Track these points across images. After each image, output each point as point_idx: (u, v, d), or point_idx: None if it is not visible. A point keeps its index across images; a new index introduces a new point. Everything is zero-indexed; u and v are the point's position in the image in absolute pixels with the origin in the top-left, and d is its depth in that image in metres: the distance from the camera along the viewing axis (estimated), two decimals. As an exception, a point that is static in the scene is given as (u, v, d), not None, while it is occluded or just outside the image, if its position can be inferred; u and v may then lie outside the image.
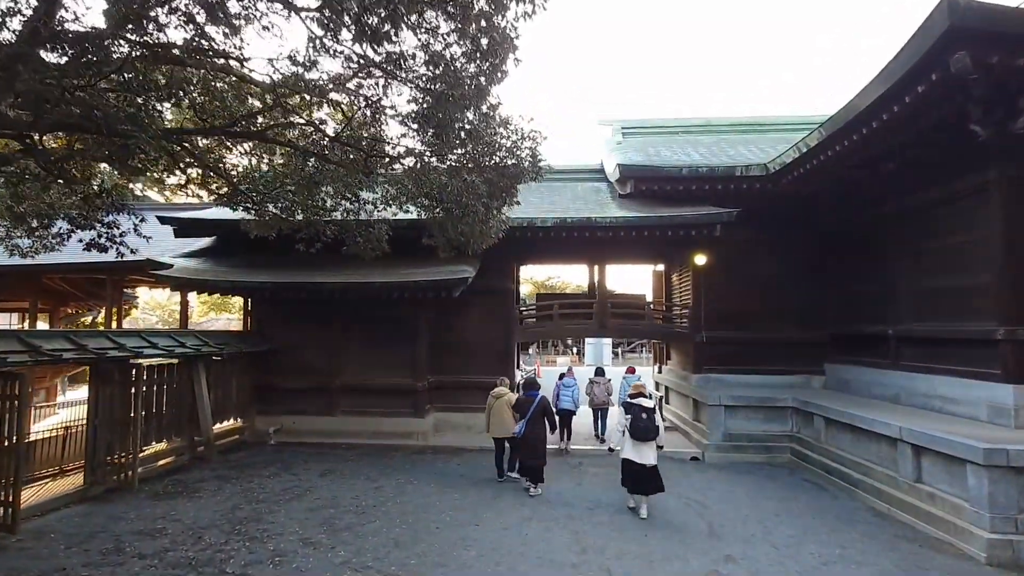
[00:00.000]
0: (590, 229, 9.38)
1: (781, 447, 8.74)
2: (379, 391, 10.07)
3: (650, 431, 6.13)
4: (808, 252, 9.99)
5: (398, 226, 9.54)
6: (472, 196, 5.67)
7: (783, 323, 10.04)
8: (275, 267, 9.59)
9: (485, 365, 10.59)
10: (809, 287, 9.98)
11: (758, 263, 10.13)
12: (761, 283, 10.12)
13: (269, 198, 7.38)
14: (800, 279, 10.03)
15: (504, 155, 5.70)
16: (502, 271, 10.68)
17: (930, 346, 7.22)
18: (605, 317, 10.42)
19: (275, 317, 10.34)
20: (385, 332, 10.20)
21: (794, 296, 10.04)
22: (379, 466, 8.13)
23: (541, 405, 7.07)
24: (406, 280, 8.93)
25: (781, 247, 10.07)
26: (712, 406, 8.94)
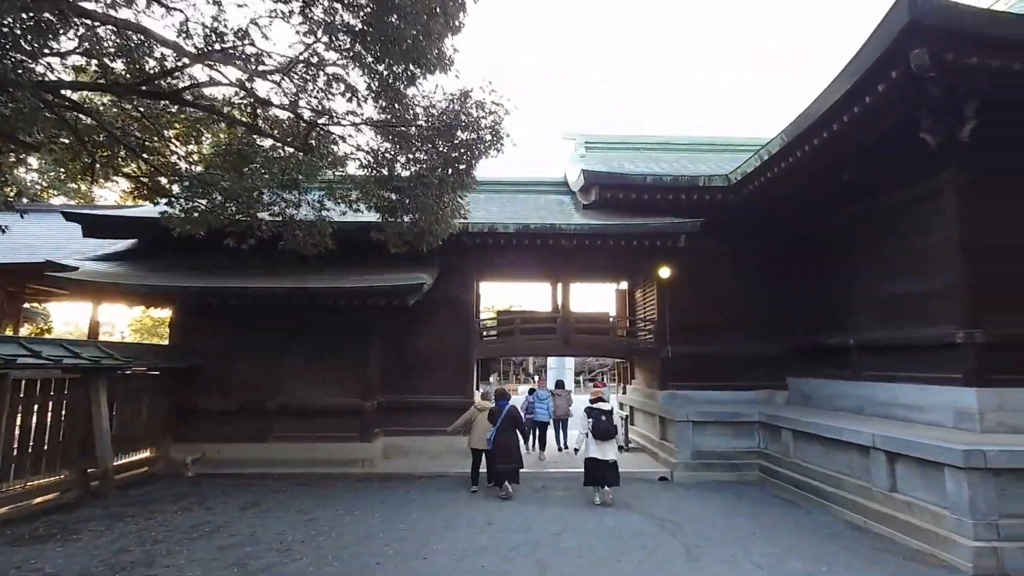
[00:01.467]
0: (553, 236, 9.03)
1: (749, 464, 8.42)
2: (321, 412, 9.06)
3: (610, 431, 6.92)
4: (770, 263, 10.03)
5: (348, 228, 8.86)
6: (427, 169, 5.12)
7: (747, 337, 9.94)
8: (206, 272, 8.59)
9: (442, 383, 9.84)
10: (771, 299, 9.98)
11: (721, 275, 10.07)
12: (725, 296, 10.04)
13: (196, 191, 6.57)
14: (762, 291, 10.02)
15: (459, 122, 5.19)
16: (462, 281, 10.10)
17: (891, 354, 7.18)
18: (569, 333, 9.97)
19: (202, 329, 9.21)
20: (331, 346, 9.28)
21: (757, 309, 10.00)
22: (315, 497, 7.12)
23: (510, 414, 7.42)
24: (356, 286, 8.17)
25: (744, 258, 10.07)
26: (680, 422, 8.55)
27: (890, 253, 7.31)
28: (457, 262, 9.99)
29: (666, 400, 9.68)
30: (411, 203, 5.59)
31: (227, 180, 6.81)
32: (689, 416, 8.55)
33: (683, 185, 8.69)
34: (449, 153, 5.36)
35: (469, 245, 9.62)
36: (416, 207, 5.68)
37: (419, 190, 5.44)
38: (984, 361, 5.89)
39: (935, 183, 6.43)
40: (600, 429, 6.82)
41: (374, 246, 9.36)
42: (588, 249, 9.84)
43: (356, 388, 9.14)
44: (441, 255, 9.68)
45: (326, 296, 8.21)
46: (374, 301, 8.35)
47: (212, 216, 7.18)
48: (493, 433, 7.28)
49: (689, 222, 8.78)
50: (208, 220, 7.24)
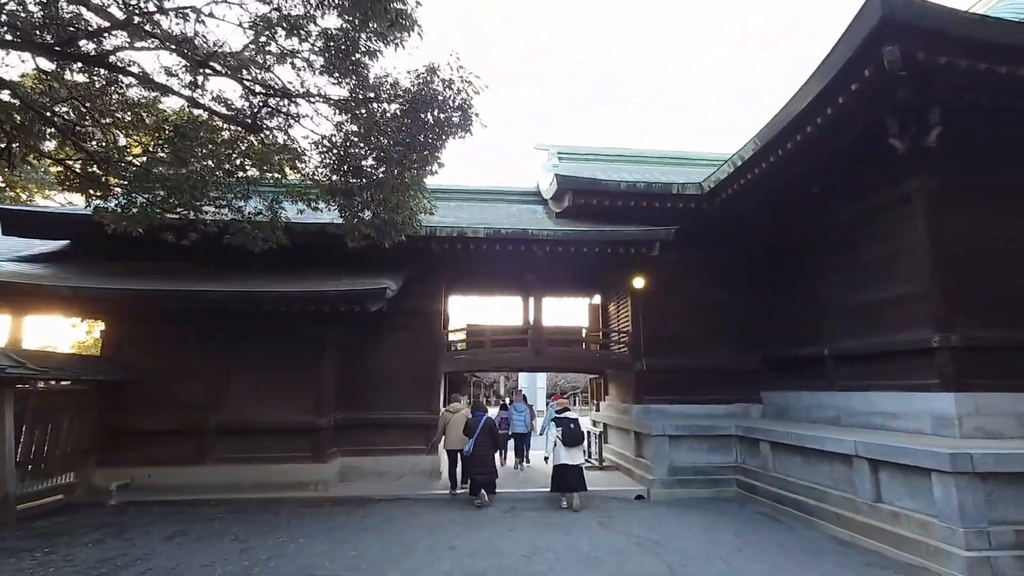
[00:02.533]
0: (526, 242, 8.69)
1: (728, 479, 8.08)
2: (270, 431, 8.24)
3: (578, 437, 7.40)
4: (743, 274, 9.96)
5: (307, 230, 8.30)
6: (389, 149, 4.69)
7: (722, 349, 9.76)
8: (144, 275, 7.81)
9: (406, 399, 9.21)
10: (746, 310, 9.87)
11: (695, 286, 9.93)
12: (699, 308, 9.87)
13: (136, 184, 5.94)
14: (737, 303, 9.91)
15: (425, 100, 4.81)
16: (429, 291, 9.59)
17: (866, 362, 7.06)
18: (541, 345, 9.56)
19: (138, 339, 8.33)
20: (282, 358, 8.54)
21: (732, 320, 9.86)
22: (255, 524, 6.33)
23: (487, 425, 7.63)
24: (309, 290, 7.56)
25: (718, 269, 9.97)
26: (656, 436, 8.17)
27: (863, 260, 7.28)
28: (424, 271, 9.51)
29: (641, 415, 9.32)
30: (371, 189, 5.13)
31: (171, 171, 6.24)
32: (665, 430, 8.19)
33: (657, 192, 8.56)
34: (415, 135, 4.96)
35: (437, 252, 9.17)
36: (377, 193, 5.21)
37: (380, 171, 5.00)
38: (960, 365, 5.79)
39: (905, 188, 6.45)
40: (569, 436, 7.27)
41: (336, 254, 8.83)
42: (561, 258, 9.53)
43: (309, 404, 8.39)
44: (408, 263, 9.23)
45: (276, 302, 7.55)
46: (332, 308, 7.74)
47: (152, 212, 6.55)
48: (471, 445, 7.48)
49: (663, 229, 8.62)
50: (148, 216, 6.60)
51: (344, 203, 5.89)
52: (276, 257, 8.79)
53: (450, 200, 10.98)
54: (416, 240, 8.54)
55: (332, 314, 8.13)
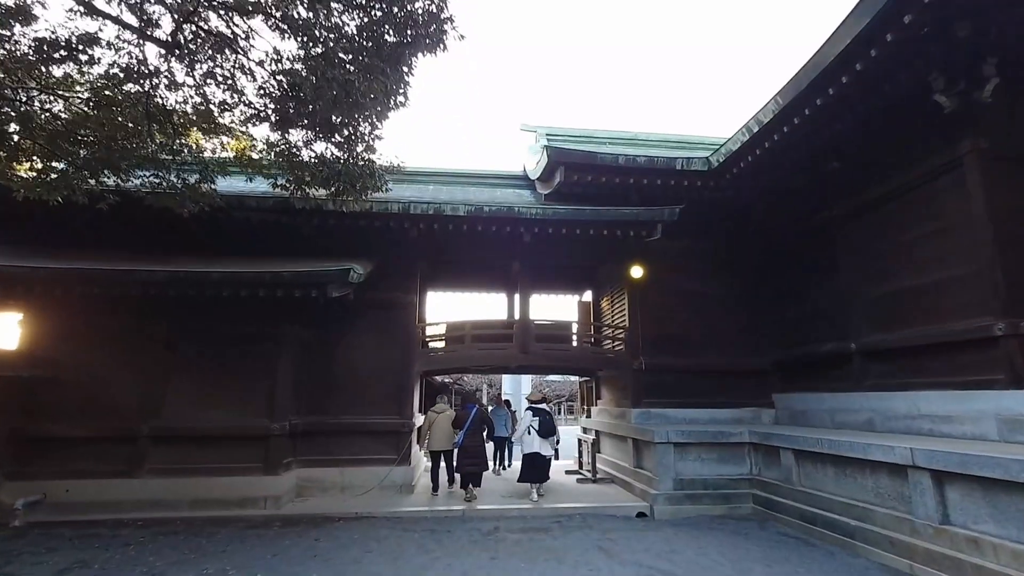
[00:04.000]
0: (512, 223, 7.69)
1: (741, 494, 7.07)
2: (214, 438, 7.07)
3: (552, 428, 7.68)
4: (752, 266, 9.06)
5: (262, 207, 7.21)
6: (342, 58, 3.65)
7: (728, 348, 8.81)
8: (68, 258, 6.66)
9: (374, 402, 8.10)
10: (757, 305, 8.96)
11: (700, 278, 9.00)
12: (703, 302, 8.93)
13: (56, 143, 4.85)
14: (746, 296, 8.99)
15: None
16: (402, 280, 8.52)
17: (906, 358, 6.14)
18: (528, 341, 8.52)
19: (60, 331, 7.12)
20: (231, 354, 7.40)
21: (741, 316, 8.93)
22: (182, 551, 5.16)
23: (479, 415, 7.66)
24: (263, 272, 6.45)
25: (723, 261, 9.06)
26: (659, 444, 7.15)
27: (896, 244, 6.38)
28: (397, 259, 8.45)
29: (640, 419, 8.31)
30: (318, 109, 4.09)
31: (94, 128, 5.16)
32: (670, 437, 7.17)
33: (660, 168, 7.62)
34: (373, 46, 3.94)
35: (412, 236, 8.14)
36: (326, 114, 4.16)
37: (330, 89, 3.95)
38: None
39: (952, 154, 5.56)
40: (544, 426, 7.50)
41: (298, 242, 7.81)
42: (550, 245, 8.55)
43: (261, 408, 7.24)
44: (378, 250, 8.20)
45: (221, 285, 6.44)
46: (287, 293, 6.64)
47: (76, 178, 5.45)
48: (462, 436, 7.44)
49: (667, 209, 7.68)
50: (70, 183, 5.51)
51: (285, 129, 4.83)
52: (228, 243, 7.77)
53: (427, 183, 9.96)
54: (387, 219, 7.54)
55: (289, 303, 7.03)
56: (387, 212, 7.35)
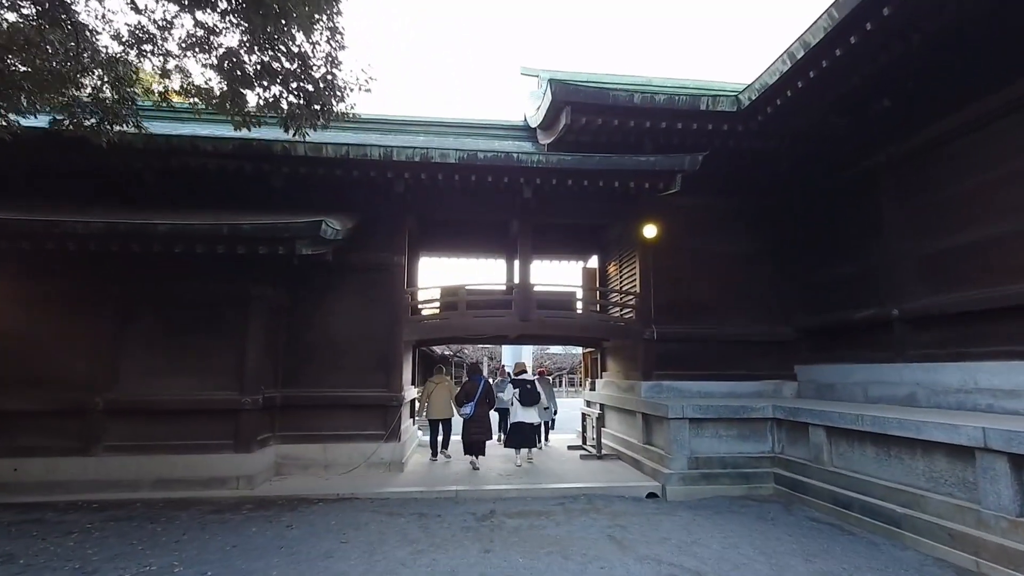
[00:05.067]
0: (510, 173, 6.80)
1: (762, 473, 6.42)
2: (178, 412, 6.37)
3: (535, 397, 7.72)
4: (776, 225, 8.22)
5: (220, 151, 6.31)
6: None
7: (748, 315, 8.06)
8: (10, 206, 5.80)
9: (359, 373, 7.38)
10: (778, 269, 8.16)
11: (719, 239, 8.17)
12: (723, 265, 8.13)
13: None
14: (769, 259, 8.19)
15: None
16: (388, 239, 7.68)
17: (961, 324, 5.37)
18: (529, 308, 7.73)
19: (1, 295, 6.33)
20: (194, 320, 6.62)
21: (761, 281, 8.14)
22: (130, 539, 4.50)
23: (486, 387, 7.82)
24: (217, 225, 5.60)
25: (745, 219, 8.22)
26: (673, 420, 6.46)
27: (956, 194, 5.53)
28: (383, 216, 7.60)
29: (651, 393, 7.61)
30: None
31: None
32: (685, 412, 6.47)
33: (681, 108, 6.66)
34: None
35: (397, 188, 7.26)
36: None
37: None
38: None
39: (1036, 80, 4.65)
40: (526, 395, 7.70)
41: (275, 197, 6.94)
42: (553, 200, 7.70)
43: (230, 379, 6.50)
44: (362, 205, 7.35)
45: (169, 239, 5.59)
46: (250, 249, 5.79)
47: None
48: (472, 407, 7.57)
49: (688, 156, 6.77)
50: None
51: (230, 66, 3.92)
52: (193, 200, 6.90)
53: (417, 133, 9.00)
54: (367, 168, 6.66)
55: (257, 262, 6.23)
56: (366, 159, 6.45)
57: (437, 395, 8.05)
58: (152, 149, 6.28)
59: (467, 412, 7.56)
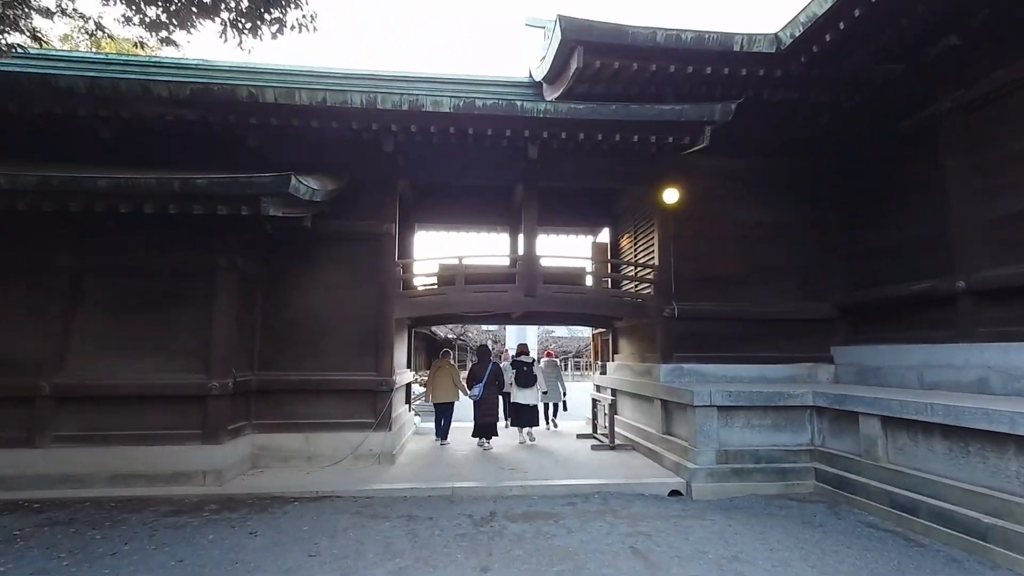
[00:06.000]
0: (513, 124, 5.90)
1: (800, 469, 5.64)
2: (137, 399, 5.62)
3: (532, 379, 7.94)
4: (814, 189, 7.34)
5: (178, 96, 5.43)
6: None
7: (779, 291, 7.21)
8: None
9: (345, 355, 6.63)
10: (815, 240, 7.29)
11: (747, 206, 7.28)
12: (750, 235, 7.26)
13: None
14: (801, 229, 7.31)
15: None
16: (377, 206, 6.83)
17: (1050, 295, 4.51)
18: (534, 283, 6.90)
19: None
20: (153, 293, 5.83)
21: (794, 253, 7.28)
22: (62, 549, 3.78)
23: (495, 371, 7.80)
24: (167, 180, 4.75)
25: (777, 182, 7.32)
26: (699, 408, 5.66)
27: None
28: (371, 177, 6.77)
29: (670, 377, 6.82)
30: None
31: None
32: (713, 399, 5.68)
33: (712, 49, 5.69)
34: None
35: (386, 147, 6.42)
36: None
37: None
38: None
39: None
40: (523, 377, 7.89)
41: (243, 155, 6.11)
42: (562, 160, 6.84)
43: (196, 361, 5.73)
44: (347, 168, 6.52)
45: (112, 196, 4.75)
46: (208, 211, 4.94)
47: None
48: (481, 388, 7.56)
49: (719, 105, 5.85)
50: None
51: None
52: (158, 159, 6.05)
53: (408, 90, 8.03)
54: (349, 119, 5.77)
55: (224, 227, 5.45)
56: (347, 107, 5.56)
57: (439, 378, 7.95)
58: (100, 96, 5.42)
59: (476, 394, 7.51)
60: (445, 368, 8.04)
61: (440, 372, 8.01)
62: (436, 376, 8.02)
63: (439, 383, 7.96)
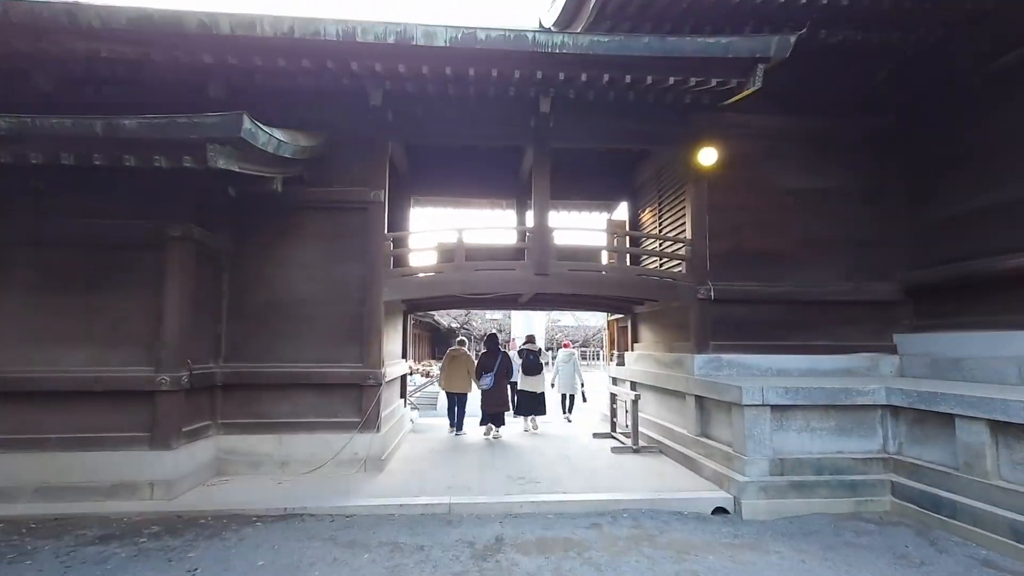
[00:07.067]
0: (523, 65, 4.85)
1: (872, 482, 4.64)
2: (71, 395, 4.67)
3: (538, 368, 8.18)
4: (876, 150, 6.26)
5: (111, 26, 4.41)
6: None
7: (831, 269, 6.17)
8: None
9: (325, 343, 5.68)
10: (875, 210, 6.23)
11: (793, 170, 6.23)
12: (797, 204, 6.21)
13: None
14: (859, 196, 6.26)
15: None
16: (363, 169, 5.83)
17: None
18: (546, 259, 5.89)
19: None
20: (92, 271, 4.87)
21: (849, 225, 6.23)
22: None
23: (504, 360, 7.78)
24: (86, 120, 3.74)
25: (830, 143, 6.25)
26: (749, 407, 4.67)
27: None
28: (356, 136, 5.79)
29: (707, 369, 5.82)
30: None
31: None
32: (766, 396, 4.68)
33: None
34: None
35: (374, 99, 5.41)
36: None
37: None
38: None
39: None
40: (530, 366, 8.08)
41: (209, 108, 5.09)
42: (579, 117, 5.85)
43: (142, 351, 4.78)
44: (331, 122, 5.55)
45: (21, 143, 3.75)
46: (142, 163, 3.92)
47: None
48: (492, 378, 7.54)
49: (776, 38, 4.76)
50: None
51: None
52: (103, 110, 5.05)
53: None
54: (323, 57, 4.72)
55: (173, 189, 4.50)
56: (319, 39, 4.52)
57: (455, 368, 7.89)
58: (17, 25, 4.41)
59: (487, 384, 7.54)
60: (462, 358, 7.95)
61: (456, 362, 7.92)
62: (451, 365, 7.91)
63: (454, 372, 7.87)
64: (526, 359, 8.13)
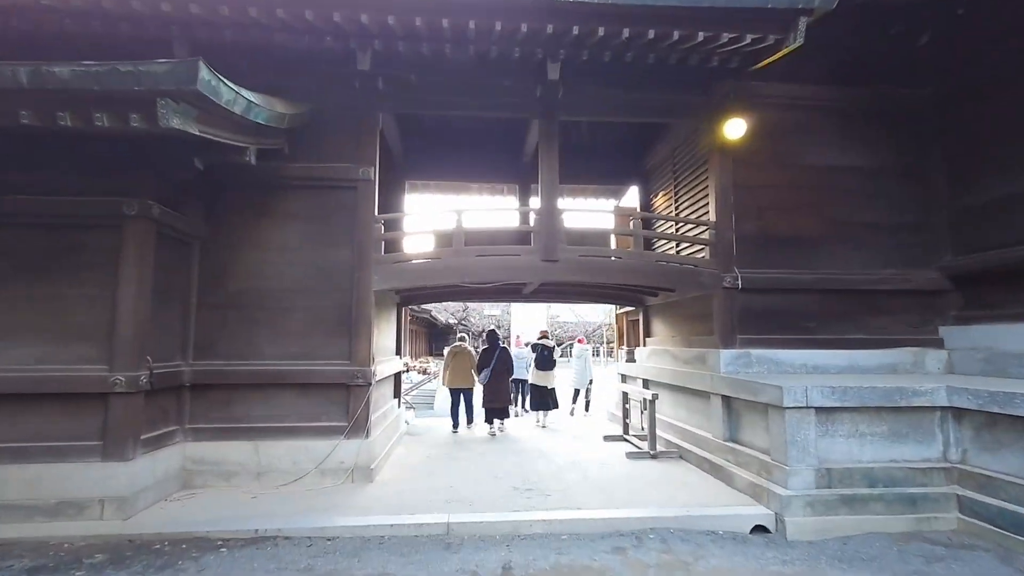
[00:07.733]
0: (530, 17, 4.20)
1: (934, 496, 4.05)
2: (14, 398, 4.04)
3: (550, 363, 8.20)
4: (919, 124, 5.65)
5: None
6: None
7: (868, 255, 5.57)
8: None
9: (308, 337, 5.07)
10: (915, 193, 5.64)
11: (827, 147, 5.63)
12: (830, 184, 5.61)
13: None
14: (900, 175, 5.65)
15: None
16: (350, 141, 5.22)
17: None
18: (555, 243, 5.27)
19: None
20: (35, 255, 4.22)
21: (888, 207, 5.62)
22: None
23: (503, 357, 7.68)
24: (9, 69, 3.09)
25: (868, 117, 5.66)
26: (791, 410, 4.07)
27: None
28: (343, 105, 5.18)
29: (735, 365, 5.22)
30: None
31: None
32: (811, 397, 4.09)
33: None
34: None
35: (361, 63, 4.76)
36: None
37: None
38: None
39: None
40: (543, 361, 8.14)
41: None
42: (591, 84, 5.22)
43: (96, 347, 4.15)
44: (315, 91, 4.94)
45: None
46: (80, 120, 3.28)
47: None
48: (488, 374, 7.48)
49: (821, -13, 4.13)
50: None
51: None
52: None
53: None
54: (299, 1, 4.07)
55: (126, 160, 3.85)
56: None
57: (457, 364, 7.80)
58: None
59: (484, 379, 7.57)
60: (463, 354, 7.91)
61: (458, 358, 7.86)
62: (454, 362, 7.84)
63: (457, 368, 7.79)
64: (539, 354, 8.17)
